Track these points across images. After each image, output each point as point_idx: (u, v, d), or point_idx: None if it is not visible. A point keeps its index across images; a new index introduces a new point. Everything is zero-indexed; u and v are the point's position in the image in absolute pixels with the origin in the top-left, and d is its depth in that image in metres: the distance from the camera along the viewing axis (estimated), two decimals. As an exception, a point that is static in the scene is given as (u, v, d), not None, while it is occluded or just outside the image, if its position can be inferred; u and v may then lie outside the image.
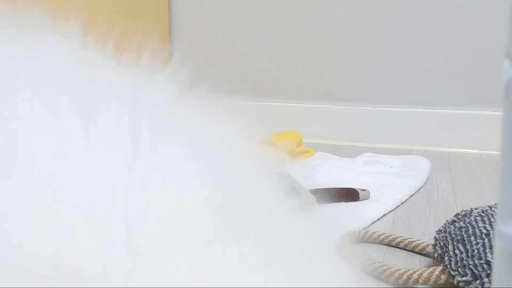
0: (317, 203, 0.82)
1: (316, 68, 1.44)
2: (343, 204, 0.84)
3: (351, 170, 1.03)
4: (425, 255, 0.67)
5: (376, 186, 0.94)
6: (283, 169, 1.01)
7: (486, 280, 0.51)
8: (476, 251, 0.53)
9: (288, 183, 0.83)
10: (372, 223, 0.78)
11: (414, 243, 0.67)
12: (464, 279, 0.53)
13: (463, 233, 0.56)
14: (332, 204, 0.84)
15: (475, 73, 1.33)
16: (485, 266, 0.51)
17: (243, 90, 1.51)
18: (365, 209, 0.81)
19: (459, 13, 1.32)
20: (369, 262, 0.61)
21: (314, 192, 0.83)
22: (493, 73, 1.32)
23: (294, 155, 1.20)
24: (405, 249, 0.68)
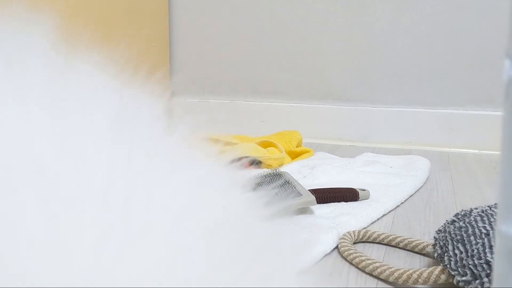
0: (317, 203, 0.83)
1: (316, 68, 1.44)
2: (343, 204, 0.84)
3: (351, 170, 1.03)
4: (424, 255, 0.67)
5: (376, 186, 0.94)
6: (283, 169, 1.01)
7: (486, 280, 0.51)
8: (475, 251, 0.53)
9: (286, 182, 0.83)
10: (372, 223, 0.78)
11: (414, 243, 0.67)
12: (463, 278, 0.53)
13: (463, 233, 0.56)
14: (332, 204, 0.85)
15: (475, 73, 1.33)
16: (484, 266, 0.51)
17: (243, 90, 1.51)
18: (365, 209, 0.81)
19: (459, 13, 1.32)
20: (369, 261, 0.61)
21: (314, 192, 0.83)
22: (493, 73, 1.32)
23: (294, 155, 1.20)
24: (405, 249, 0.68)
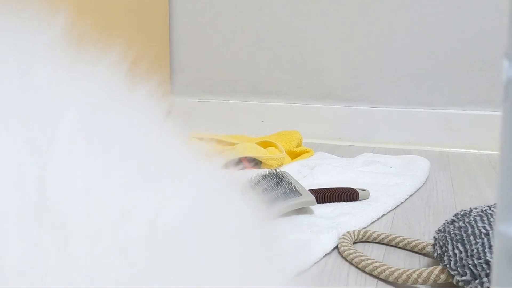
0: (317, 203, 0.83)
1: (316, 68, 1.44)
2: (343, 204, 0.84)
3: (351, 170, 1.03)
4: (424, 254, 0.67)
5: (375, 186, 0.94)
6: (283, 169, 1.01)
7: (485, 279, 0.51)
8: (475, 250, 0.53)
9: (286, 182, 0.83)
10: (371, 223, 0.79)
11: (413, 243, 0.68)
12: (463, 278, 0.53)
13: (463, 232, 0.56)
14: (332, 204, 0.85)
15: (475, 73, 1.33)
16: (484, 265, 0.52)
17: (243, 90, 1.51)
18: (364, 209, 0.81)
19: (459, 13, 1.32)
20: (368, 261, 0.61)
21: (314, 192, 0.84)
22: (492, 73, 1.32)
23: (294, 155, 1.20)
24: (404, 249, 0.69)
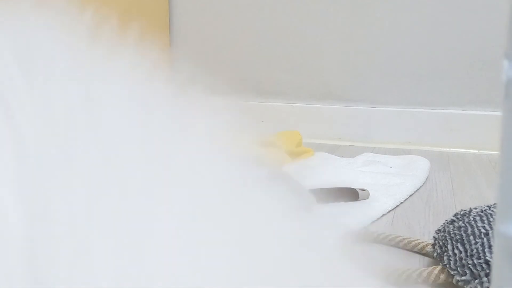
0: (317, 203, 0.83)
1: (316, 68, 1.44)
2: (342, 204, 0.84)
3: (351, 170, 1.03)
4: (424, 254, 0.67)
5: (375, 186, 0.94)
6: (283, 169, 1.01)
7: (485, 279, 0.51)
8: (475, 250, 0.53)
9: (288, 183, 0.83)
10: (371, 223, 0.79)
11: (413, 243, 0.67)
12: (463, 278, 0.53)
13: (462, 232, 0.56)
14: (331, 204, 0.85)
15: (475, 73, 1.33)
16: (484, 265, 0.52)
17: (243, 90, 1.51)
18: (364, 208, 0.81)
19: (459, 13, 1.32)
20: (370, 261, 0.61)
21: (314, 192, 0.83)
22: (493, 73, 1.32)
23: (294, 155, 1.20)
24: (404, 249, 0.69)
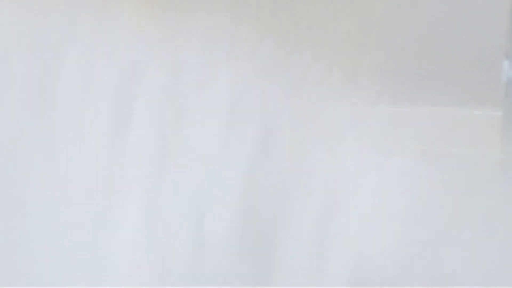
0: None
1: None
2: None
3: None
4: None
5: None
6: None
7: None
8: (475, 250, 0.53)
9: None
10: (371, 223, 0.78)
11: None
12: (463, 278, 0.53)
13: (463, 232, 0.56)
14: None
15: (475, 73, 1.33)
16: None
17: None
18: (365, 208, 0.81)
19: (459, 13, 1.32)
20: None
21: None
22: (492, 73, 1.32)
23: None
24: (404, 249, 0.68)
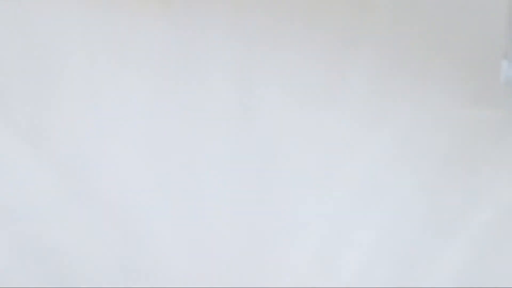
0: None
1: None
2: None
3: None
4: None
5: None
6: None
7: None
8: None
9: None
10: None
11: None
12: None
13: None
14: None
15: (475, 73, 1.33)
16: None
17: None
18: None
19: (459, 13, 1.32)
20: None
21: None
22: (492, 73, 1.32)
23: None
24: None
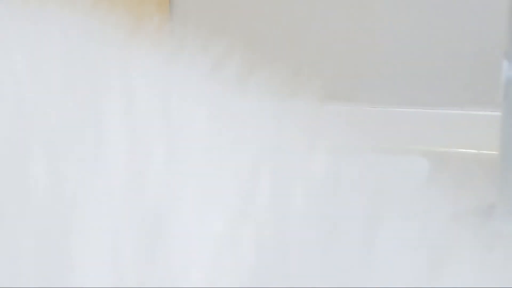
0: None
1: (315, 68, 1.44)
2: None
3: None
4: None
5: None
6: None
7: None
8: (475, 250, 0.53)
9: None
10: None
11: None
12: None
13: (462, 232, 0.57)
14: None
15: (475, 73, 1.33)
16: (483, 265, 0.52)
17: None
18: (364, 208, 0.81)
19: (459, 13, 1.32)
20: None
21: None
22: (492, 73, 1.32)
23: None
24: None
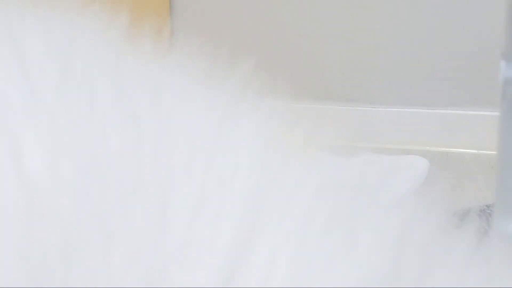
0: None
1: (315, 68, 1.45)
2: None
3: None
4: (424, 253, 0.67)
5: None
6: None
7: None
8: (474, 249, 0.54)
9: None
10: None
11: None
12: (462, 277, 0.53)
13: (462, 231, 0.57)
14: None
15: (475, 73, 1.34)
16: (483, 264, 0.52)
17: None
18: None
19: (458, 13, 1.32)
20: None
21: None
22: (492, 73, 1.32)
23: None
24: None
